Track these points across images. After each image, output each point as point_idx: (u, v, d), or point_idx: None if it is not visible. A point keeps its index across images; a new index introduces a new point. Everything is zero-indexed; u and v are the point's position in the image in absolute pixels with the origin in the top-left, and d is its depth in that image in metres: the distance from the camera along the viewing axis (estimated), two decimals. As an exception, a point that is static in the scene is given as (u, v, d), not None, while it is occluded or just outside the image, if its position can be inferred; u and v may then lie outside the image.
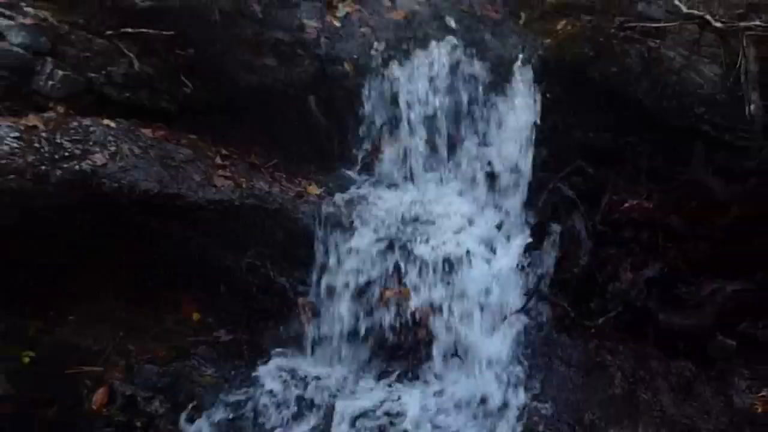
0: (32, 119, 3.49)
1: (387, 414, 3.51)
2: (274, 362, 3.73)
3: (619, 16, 4.04)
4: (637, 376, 3.60)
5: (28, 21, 3.64)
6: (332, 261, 3.81)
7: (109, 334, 3.64)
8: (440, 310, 3.73)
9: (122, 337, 3.64)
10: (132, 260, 3.64)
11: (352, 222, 3.89)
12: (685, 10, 3.83)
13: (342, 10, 4.30)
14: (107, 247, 3.58)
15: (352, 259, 3.80)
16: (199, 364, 3.65)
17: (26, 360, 3.44)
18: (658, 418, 3.44)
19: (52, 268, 3.52)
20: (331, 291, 3.80)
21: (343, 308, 3.76)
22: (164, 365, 3.59)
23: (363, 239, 3.84)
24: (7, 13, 3.63)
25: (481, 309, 3.76)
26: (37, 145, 3.40)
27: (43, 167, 3.35)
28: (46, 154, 3.38)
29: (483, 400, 3.58)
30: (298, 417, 3.52)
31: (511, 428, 3.44)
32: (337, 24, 4.25)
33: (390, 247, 3.84)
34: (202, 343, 3.73)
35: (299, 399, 3.57)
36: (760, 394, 3.51)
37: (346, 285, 3.78)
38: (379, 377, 3.71)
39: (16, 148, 3.34)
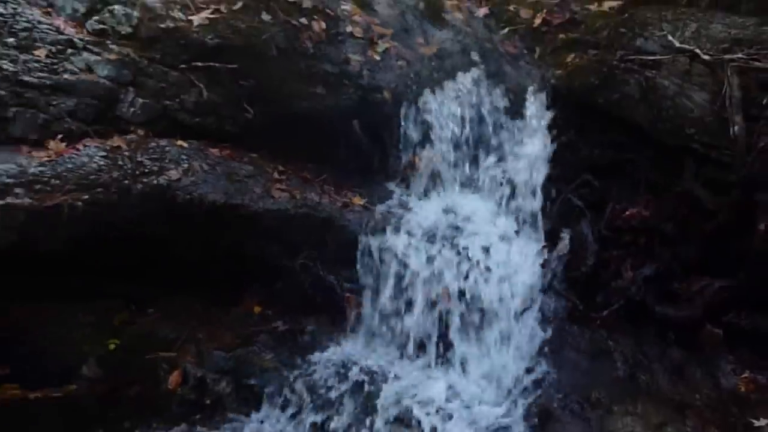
0: (117, 140, 3.72)
1: (420, 393, 3.71)
2: (324, 349, 3.95)
3: (620, 50, 4.18)
4: (636, 361, 3.78)
5: (112, 56, 3.84)
6: (375, 260, 4.01)
7: (183, 324, 3.88)
8: (466, 300, 3.92)
9: (194, 327, 3.88)
10: (202, 262, 3.84)
11: (392, 225, 4.08)
12: (677, 44, 3.98)
13: (381, 46, 4.45)
14: (181, 251, 3.79)
15: (392, 257, 3.99)
16: (260, 350, 3.87)
17: (112, 347, 3.73)
18: (655, 397, 3.60)
19: (134, 269, 3.73)
20: (373, 285, 4.01)
21: (385, 300, 3.98)
22: (230, 351, 3.82)
23: (401, 240, 4.02)
24: (95, 50, 3.84)
25: (501, 302, 3.92)
26: (120, 162, 3.64)
27: (126, 182, 3.59)
28: (129, 171, 3.63)
29: (503, 381, 3.80)
30: (345, 397, 3.71)
31: (527, 405, 3.63)
32: (377, 58, 4.41)
33: (425, 246, 4.02)
34: (262, 332, 3.94)
35: (347, 381, 3.77)
36: (743, 376, 3.68)
37: (387, 279, 3.98)
38: (414, 361, 3.91)
39: (103, 165, 3.60)
